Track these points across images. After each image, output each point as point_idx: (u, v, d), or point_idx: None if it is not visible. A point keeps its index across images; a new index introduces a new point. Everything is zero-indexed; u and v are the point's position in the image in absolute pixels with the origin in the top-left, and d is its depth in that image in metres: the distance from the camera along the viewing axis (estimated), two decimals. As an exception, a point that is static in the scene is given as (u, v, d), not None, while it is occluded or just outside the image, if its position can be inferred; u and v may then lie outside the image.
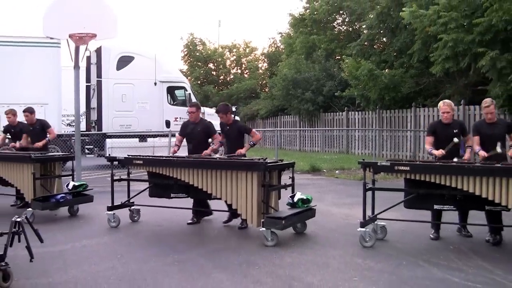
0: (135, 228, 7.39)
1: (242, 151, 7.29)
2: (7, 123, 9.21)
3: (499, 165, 5.69)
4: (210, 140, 7.61)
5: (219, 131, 7.78)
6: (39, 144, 8.79)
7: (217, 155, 7.54)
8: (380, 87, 17.62)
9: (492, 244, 6.15)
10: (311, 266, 5.32)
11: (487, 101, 6.52)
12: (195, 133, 7.60)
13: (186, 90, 16.02)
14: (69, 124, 16.17)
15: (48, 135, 9.04)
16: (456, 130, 6.59)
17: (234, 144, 7.43)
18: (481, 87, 14.95)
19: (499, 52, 12.41)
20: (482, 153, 6.30)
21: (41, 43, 13.74)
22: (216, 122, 8.27)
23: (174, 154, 7.47)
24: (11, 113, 9.10)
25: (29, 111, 8.89)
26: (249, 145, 7.53)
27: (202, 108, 16.63)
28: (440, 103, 6.73)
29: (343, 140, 21.29)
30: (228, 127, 7.54)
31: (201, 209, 7.64)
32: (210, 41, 38.66)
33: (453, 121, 6.71)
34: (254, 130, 7.62)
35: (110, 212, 7.40)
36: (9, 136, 9.25)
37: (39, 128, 8.95)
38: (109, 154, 11.33)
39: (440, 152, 6.43)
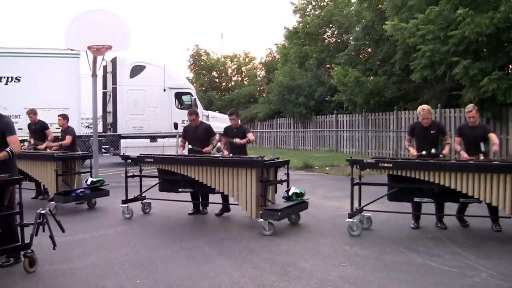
0: (147, 219, 7.39)
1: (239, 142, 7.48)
2: (30, 121, 9.46)
3: (471, 161, 5.70)
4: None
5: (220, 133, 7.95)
6: (41, 146, 9.12)
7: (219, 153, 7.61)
8: (365, 92, 17.61)
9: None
10: (305, 253, 5.32)
11: (469, 107, 6.55)
12: (198, 135, 7.63)
13: (192, 96, 16.00)
14: (87, 126, 16.13)
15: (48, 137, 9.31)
16: (434, 131, 6.57)
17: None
18: (455, 92, 14.94)
19: (471, 61, 12.42)
20: (464, 155, 6.38)
21: (62, 54, 13.71)
22: (217, 124, 8.33)
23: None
24: (32, 112, 9.35)
25: (61, 115, 9.27)
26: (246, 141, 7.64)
27: (206, 111, 16.80)
28: (420, 110, 6.57)
29: (333, 140, 21.27)
30: (235, 130, 7.69)
31: (197, 201, 7.68)
32: (214, 52, 38.72)
33: (432, 123, 6.67)
34: (250, 133, 7.76)
35: (124, 205, 7.40)
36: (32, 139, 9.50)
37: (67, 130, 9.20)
38: (123, 153, 11.28)
39: (414, 152, 6.64)
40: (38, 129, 9.31)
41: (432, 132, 6.54)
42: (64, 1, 53.37)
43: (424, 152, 6.42)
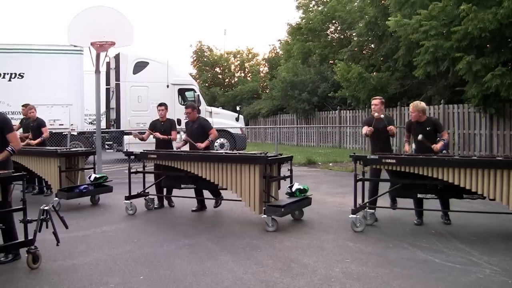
0: (150, 215, 7.38)
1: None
2: (28, 117, 9.28)
3: (475, 157, 5.66)
4: None
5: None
6: (33, 142, 8.97)
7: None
8: (368, 88, 17.53)
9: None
10: (308, 249, 5.30)
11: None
12: (193, 130, 7.66)
13: (195, 92, 15.94)
14: (91, 123, 16.17)
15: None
16: (429, 128, 6.51)
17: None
18: (458, 88, 14.87)
19: (474, 56, 12.34)
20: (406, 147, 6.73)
21: (66, 51, 13.70)
22: (220, 120, 8.30)
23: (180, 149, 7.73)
24: (31, 108, 9.19)
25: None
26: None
27: (209, 107, 16.75)
28: (410, 106, 6.66)
29: (336, 136, 21.24)
30: (162, 123, 8.09)
31: (201, 198, 7.66)
32: (217, 48, 38.64)
33: (427, 119, 6.60)
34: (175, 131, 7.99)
35: (127, 201, 7.40)
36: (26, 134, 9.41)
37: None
38: (127, 149, 11.29)
39: (407, 148, 6.72)
40: (35, 127, 9.10)
41: (427, 128, 6.49)
42: (67, -2, 53.34)
43: (419, 137, 6.40)
